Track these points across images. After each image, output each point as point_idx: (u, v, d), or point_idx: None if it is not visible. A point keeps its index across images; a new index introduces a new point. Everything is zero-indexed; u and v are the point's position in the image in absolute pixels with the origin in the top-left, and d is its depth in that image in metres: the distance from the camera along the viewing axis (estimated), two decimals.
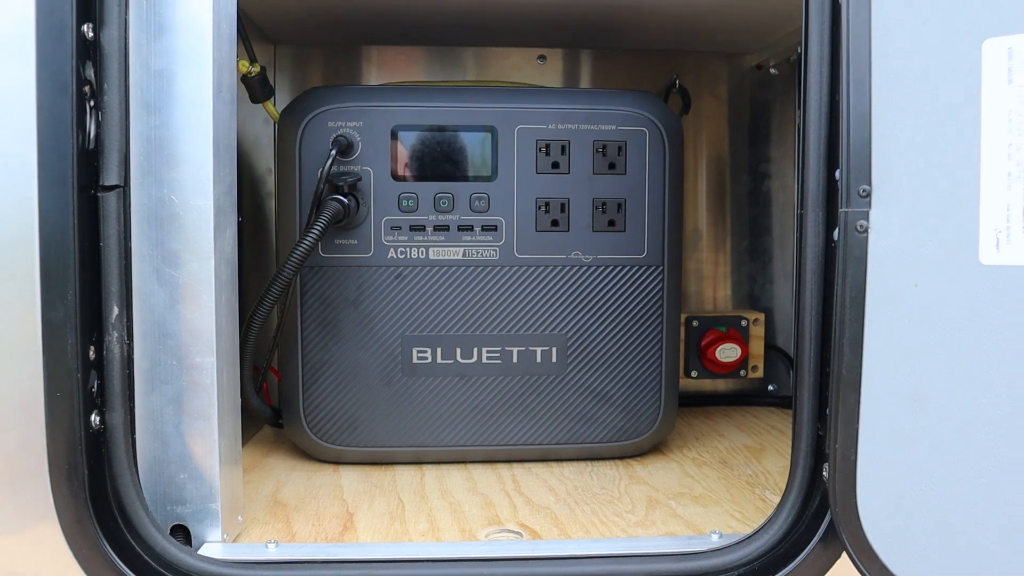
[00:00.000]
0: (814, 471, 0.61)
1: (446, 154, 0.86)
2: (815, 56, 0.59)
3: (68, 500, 0.56)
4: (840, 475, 0.55)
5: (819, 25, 0.58)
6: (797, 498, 0.61)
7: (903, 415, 0.53)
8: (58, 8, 0.53)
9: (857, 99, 0.53)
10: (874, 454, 0.54)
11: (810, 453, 0.61)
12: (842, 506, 0.55)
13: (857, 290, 0.54)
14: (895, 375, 0.53)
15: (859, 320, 0.54)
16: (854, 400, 0.54)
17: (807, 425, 0.61)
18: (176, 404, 0.63)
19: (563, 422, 0.89)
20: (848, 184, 0.54)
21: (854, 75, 0.53)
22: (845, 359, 0.54)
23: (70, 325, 0.54)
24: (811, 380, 0.60)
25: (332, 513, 0.76)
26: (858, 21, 0.53)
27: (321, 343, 0.86)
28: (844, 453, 0.55)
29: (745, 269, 1.22)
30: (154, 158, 0.62)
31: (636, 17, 1.00)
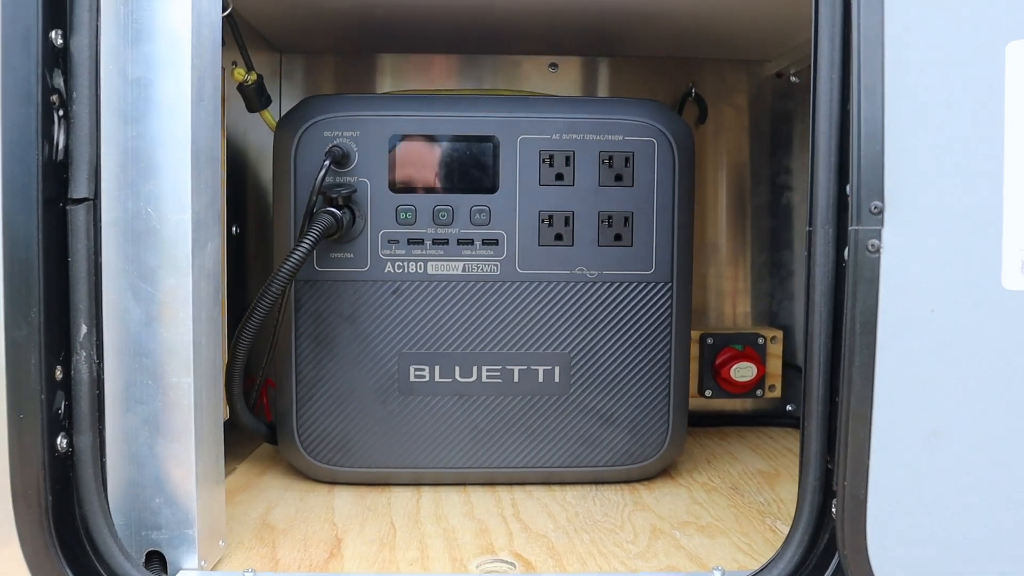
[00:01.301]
0: (823, 507, 0.57)
1: (446, 165, 0.83)
2: (825, 61, 0.55)
3: (31, 527, 0.53)
4: (849, 515, 0.51)
5: (830, 28, 0.54)
6: (804, 535, 0.57)
7: (918, 452, 0.49)
8: (23, 14, 0.51)
9: (869, 108, 0.49)
10: (886, 494, 0.50)
11: (818, 488, 0.57)
12: (851, 548, 0.51)
13: (868, 315, 0.50)
14: (909, 408, 0.49)
15: (870, 347, 0.50)
16: (865, 434, 0.50)
17: (815, 457, 0.56)
18: (152, 425, 0.61)
19: (566, 444, 0.86)
20: (859, 200, 0.50)
21: (865, 82, 0.49)
22: (855, 389, 0.50)
23: (34, 344, 0.52)
24: (819, 410, 0.56)
25: (320, 538, 0.73)
26: (869, 24, 0.49)
27: (315, 360, 0.83)
28: (853, 492, 0.51)
29: (764, 284, 1.17)
30: (130, 170, 0.59)
31: (651, 23, 0.96)
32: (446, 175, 0.83)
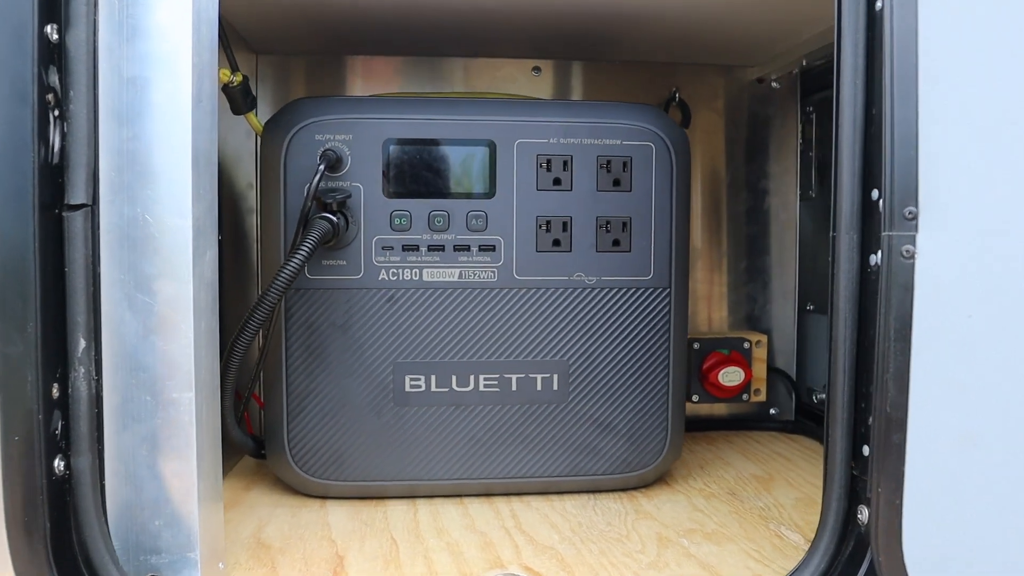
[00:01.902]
0: (848, 514, 0.57)
1: (441, 169, 0.81)
2: (848, 67, 0.54)
3: (27, 556, 0.50)
4: (884, 522, 0.50)
5: (853, 33, 0.54)
6: (830, 543, 0.56)
7: (954, 457, 0.49)
8: (18, 6, 0.48)
9: (902, 113, 0.49)
10: (922, 499, 0.50)
11: (843, 495, 0.56)
12: (885, 555, 0.51)
13: (903, 321, 0.49)
14: (945, 413, 0.49)
15: (905, 353, 0.49)
16: (900, 440, 0.50)
17: (840, 465, 0.56)
18: (151, 444, 0.57)
19: (565, 453, 0.84)
20: (892, 205, 0.49)
21: (899, 88, 0.49)
22: (890, 396, 0.50)
23: (30, 361, 0.49)
24: (845, 416, 0.55)
25: (321, 556, 0.70)
26: (903, 28, 0.49)
27: (307, 371, 0.80)
28: (888, 498, 0.50)
29: (744, 290, 1.18)
30: (126, 173, 0.56)
31: (636, 28, 0.96)
32: (442, 180, 0.81)
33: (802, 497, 0.86)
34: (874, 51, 0.53)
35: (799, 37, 1.01)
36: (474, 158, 0.81)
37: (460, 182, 0.81)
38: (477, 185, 0.81)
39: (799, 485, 0.90)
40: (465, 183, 0.81)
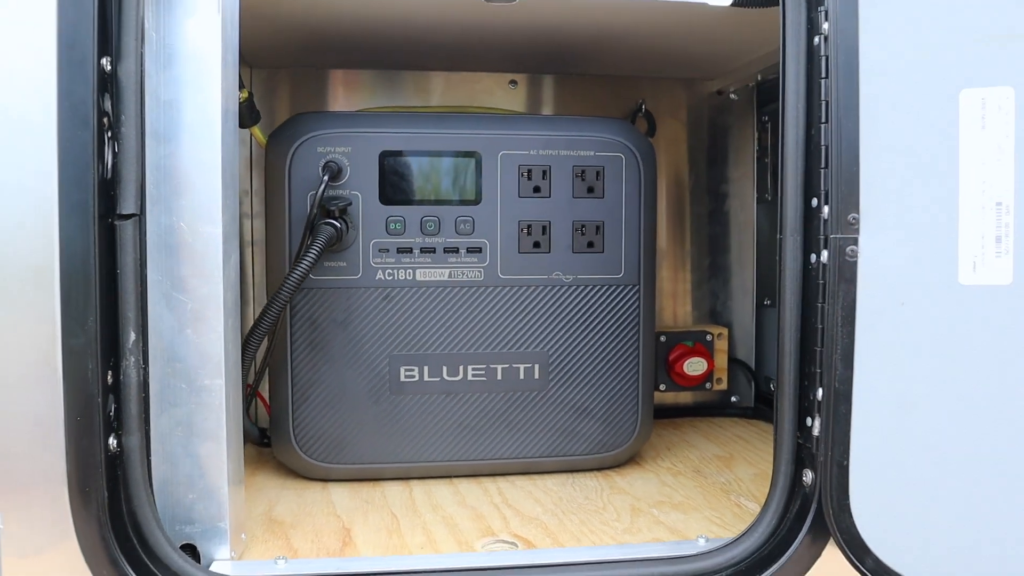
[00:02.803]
0: (795, 477, 0.66)
1: (432, 179, 0.89)
2: (791, 93, 0.63)
3: (88, 522, 0.57)
4: (833, 480, 0.60)
5: (795, 65, 0.63)
6: (780, 502, 0.66)
7: (892, 422, 0.58)
8: (80, 43, 0.55)
9: (847, 140, 0.58)
10: (865, 458, 0.59)
11: (791, 461, 0.66)
12: (835, 507, 0.60)
13: (848, 309, 0.59)
14: (884, 386, 0.58)
15: (851, 336, 0.59)
16: (846, 410, 0.59)
17: (788, 435, 0.65)
18: (185, 426, 0.65)
19: (545, 436, 0.93)
20: (837, 213, 0.59)
21: (844, 118, 0.58)
22: (837, 372, 0.59)
23: (90, 351, 0.56)
24: (792, 392, 0.65)
25: (329, 529, 0.78)
26: (847, 71, 0.58)
27: (310, 363, 0.88)
28: (838, 459, 0.60)
29: (707, 286, 1.27)
30: (163, 187, 0.63)
31: (607, 45, 1.04)
32: (432, 188, 0.89)
33: (759, 473, 0.96)
34: (812, 81, 0.63)
35: (755, 54, 1.11)
36: (462, 168, 0.89)
37: (449, 190, 0.89)
38: (465, 193, 0.90)
39: (757, 463, 1.00)
40: (454, 191, 0.89)
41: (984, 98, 0.57)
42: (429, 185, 0.89)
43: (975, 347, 0.57)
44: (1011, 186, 0.56)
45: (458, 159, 0.89)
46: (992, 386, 0.57)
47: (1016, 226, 0.57)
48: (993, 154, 0.57)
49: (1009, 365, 0.57)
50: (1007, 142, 0.56)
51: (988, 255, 0.57)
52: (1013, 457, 0.58)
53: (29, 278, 0.55)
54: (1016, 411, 0.57)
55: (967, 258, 0.57)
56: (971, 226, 0.57)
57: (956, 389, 0.58)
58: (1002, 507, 0.58)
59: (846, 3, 0.60)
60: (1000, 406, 0.57)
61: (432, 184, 0.89)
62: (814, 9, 0.63)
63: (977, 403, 0.57)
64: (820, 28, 0.62)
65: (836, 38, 0.60)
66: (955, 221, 0.57)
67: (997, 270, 0.57)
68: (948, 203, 0.58)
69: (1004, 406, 0.57)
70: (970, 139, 0.57)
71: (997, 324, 0.57)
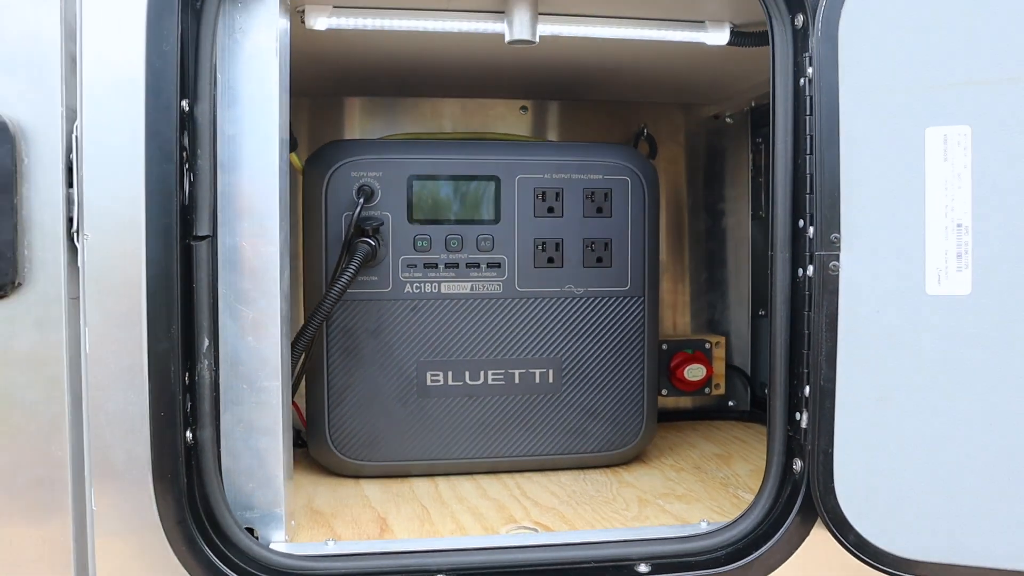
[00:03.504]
0: (786, 466, 0.74)
1: (455, 200, 0.98)
2: (780, 128, 0.72)
3: (168, 505, 0.65)
4: (819, 467, 0.68)
5: (784, 104, 0.72)
6: (773, 488, 0.74)
7: (870, 414, 0.67)
8: (165, 89, 0.64)
9: (830, 170, 0.67)
10: (847, 446, 0.68)
11: (783, 451, 0.74)
12: (822, 490, 0.69)
13: (831, 317, 0.68)
14: (863, 382, 0.67)
15: (833, 340, 0.68)
16: (830, 405, 0.68)
17: (780, 428, 0.74)
18: (246, 422, 0.73)
19: (559, 435, 1.01)
20: (821, 233, 0.68)
21: (827, 151, 0.68)
22: (822, 372, 0.68)
23: (173, 355, 0.64)
24: (782, 391, 0.73)
25: (367, 518, 0.86)
26: (828, 110, 0.67)
27: (345, 369, 0.96)
28: (823, 448, 0.68)
29: (705, 298, 1.36)
30: (227, 211, 0.72)
31: (613, 74, 1.13)
32: (456, 209, 0.98)
33: (755, 469, 1.04)
34: (799, 118, 0.71)
35: (749, 82, 1.20)
36: (482, 191, 0.98)
37: (471, 211, 0.98)
38: (485, 213, 0.98)
39: (753, 461, 1.08)
40: (475, 212, 0.98)
41: (946, 134, 0.65)
42: (453, 206, 0.98)
43: (940, 348, 0.66)
44: (969, 210, 0.65)
45: (479, 182, 0.98)
46: (955, 381, 0.66)
47: (974, 244, 0.65)
48: (954, 182, 0.66)
49: (969, 363, 0.66)
50: (965, 172, 0.65)
51: (951, 269, 0.66)
52: (975, 441, 0.66)
53: (122, 292, 0.63)
54: (976, 401, 0.66)
55: (933, 272, 0.66)
56: (936, 244, 0.66)
57: (925, 384, 0.66)
58: (968, 486, 0.67)
59: (828, 50, 0.69)
60: (962, 397, 0.66)
61: (456, 205, 0.98)
62: (800, 54, 0.72)
63: (943, 396, 0.66)
64: (805, 71, 0.71)
65: (819, 81, 0.69)
66: (922, 240, 0.66)
67: (958, 282, 0.66)
68: (916, 224, 0.67)
69: (966, 397, 0.66)
70: (934, 170, 0.66)
71: (958, 328, 0.66)
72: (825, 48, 0.69)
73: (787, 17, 0.73)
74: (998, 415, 0.66)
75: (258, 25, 0.72)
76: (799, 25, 0.72)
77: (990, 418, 0.66)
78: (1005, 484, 0.66)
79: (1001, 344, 0.65)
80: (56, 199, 0.63)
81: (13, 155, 0.62)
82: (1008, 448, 0.66)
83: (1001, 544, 0.67)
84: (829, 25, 0.68)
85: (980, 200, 0.66)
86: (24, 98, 0.63)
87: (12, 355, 0.63)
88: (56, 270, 0.64)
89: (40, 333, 0.63)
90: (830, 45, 0.68)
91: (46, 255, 0.63)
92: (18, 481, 0.64)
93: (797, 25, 0.72)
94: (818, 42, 0.69)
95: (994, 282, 0.65)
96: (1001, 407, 0.66)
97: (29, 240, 0.63)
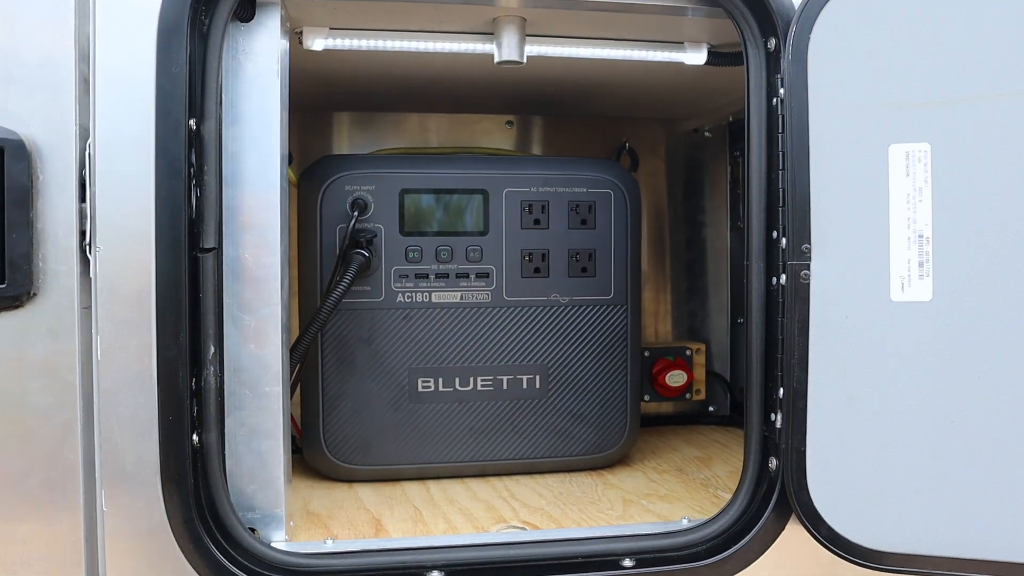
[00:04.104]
0: (762, 464, 0.78)
1: (445, 212, 1.01)
2: (755, 144, 0.77)
3: (176, 506, 0.68)
4: (793, 464, 0.73)
5: (758, 121, 0.77)
6: (750, 486, 0.78)
7: (840, 414, 0.71)
8: (174, 108, 0.67)
9: (800, 184, 0.72)
10: (819, 444, 0.72)
11: (759, 451, 0.78)
12: (795, 487, 0.73)
13: (803, 323, 0.72)
14: (833, 384, 0.71)
15: (805, 345, 0.72)
16: (803, 405, 0.72)
17: (756, 429, 0.78)
18: (248, 427, 0.76)
19: (545, 439, 1.05)
20: (793, 243, 0.72)
21: (798, 166, 0.72)
22: (795, 375, 0.72)
23: (182, 361, 0.67)
24: (758, 392, 0.78)
25: (361, 519, 0.89)
26: (799, 128, 0.72)
27: (339, 376, 1.00)
28: (796, 446, 0.73)
29: (686, 306, 1.40)
30: (230, 224, 0.75)
31: (596, 91, 1.18)
32: (446, 221, 1.01)
33: (734, 471, 1.08)
34: (772, 135, 0.76)
35: (727, 98, 1.24)
36: (471, 203, 1.02)
37: (460, 223, 1.02)
38: (474, 225, 1.02)
39: (732, 463, 1.12)
40: (464, 223, 1.02)
41: (908, 151, 0.70)
42: (443, 218, 1.01)
43: (905, 350, 0.71)
44: (929, 222, 0.70)
45: (468, 195, 1.02)
46: (919, 382, 0.71)
47: (934, 254, 0.70)
48: (915, 196, 0.70)
49: (931, 364, 0.70)
50: (926, 187, 0.70)
51: (913, 277, 0.70)
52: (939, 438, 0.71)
53: (132, 302, 0.67)
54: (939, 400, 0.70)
55: (897, 280, 0.71)
56: (900, 254, 0.70)
57: (891, 385, 0.71)
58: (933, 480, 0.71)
59: (798, 72, 0.73)
60: (926, 397, 0.71)
61: (446, 217, 1.01)
62: (773, 75, 0.77)
63: (908, 395, 0.71)
64: (778, 91, 0.76)
65: (790, 101, 0.74)
66: (887, 250, 0.71)
67: (920, 289, 0.70)
68: (881, 235, 0.71)
69: (929, 397, 0.71)
70: (897, 184, 0.70)
71: (921, 332, 0.70)
72: (795, 70, 0.73)
73: (760, 40, 0.77)
74: (959, 413, 0.70)
75: (260, 47, 0.75)
76: (772, 48, 0.76)
77: (952, 416, 0.71)
78: (967, 477, 0.71)
79: (960, 347, 0.70)
80: (70, 213, 0.67)
81: (29, 172, 0.65)
82: (969, 444, 0.70)
83: (965, 534, 0.71)
84: (799, 49, 0.73)
85: (939, 212, 0.70)
86: (39, 117, 0.66)
87: (27, 362, 0.66)
88: (69, 281, 0.67)
89: (54, 341, 0.66)
90: (800, 67, 0.73)
91: (59, 267, 0.67)
92: (32, 482, 0.67)
93: (770, 48, 0.77)
94: (789, 64, 0.73)
95: (953, 289, 0.70)
96: (961, 406, 0.70)
97: (44, 252, 0.66)
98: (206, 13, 0.70)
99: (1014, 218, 0.68)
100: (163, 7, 0.67)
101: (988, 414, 0.69)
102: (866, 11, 0.71)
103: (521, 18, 0.86)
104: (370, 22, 0.86)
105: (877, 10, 0.71)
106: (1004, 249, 0.69)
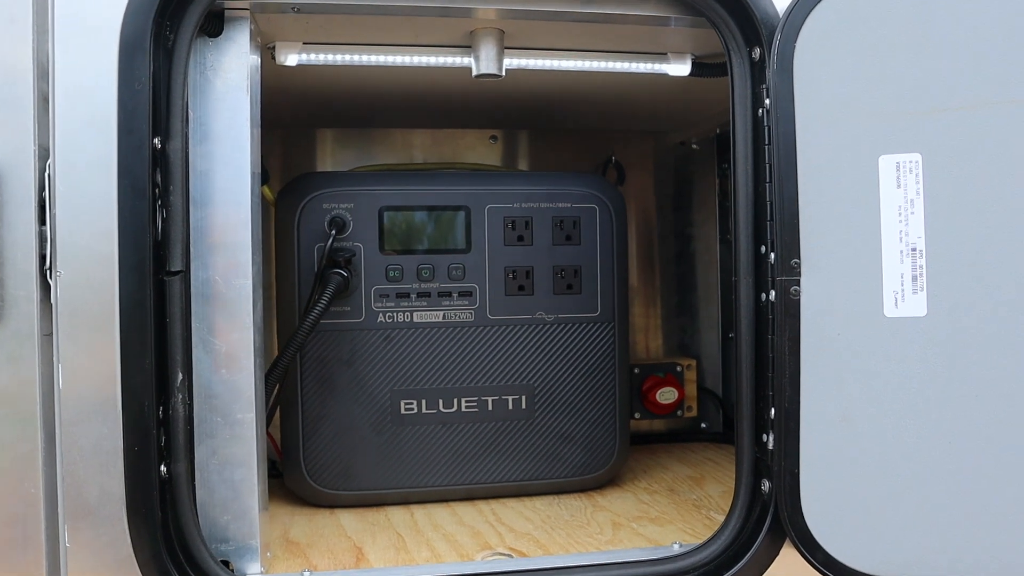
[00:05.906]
0: (754, 487, 0.76)
1: (427, 230, 0.99)
2: (741, 157, 0.75)
3: (143, 539, 0.65)
4: (787, 487, 0.70)
5: (743, 133, 0.75)
6: (742, 509, 0.75)
7: (834, 434, 0.69)
8: (137, 128, 0.65)
9: (788, 197, 0.70)
10: (813, 466, 0.69)
11: (751, 472, 0.76)
12: (789, 511, 0.70)
13: (793, 340, 0.70)
14: (826, 403, 0.69)
15: (796, 363, 0.70)
16: (795, 426, 0.70)
17: (748, 450, 0.75)
18: (220, 455, 0.73)
19: (533, 461, 1.02)
20: (782, 259, 0.70)
21: (785, 179, 0.70)
22: (787, 394, 0.70)
23: (148, 389, 0.65)
24: (749, 413, 0.75)
25: (342, 548, 0.86)
26: (786, 139, 0.70)
27: (319, 399, 0.97)
28: (789, 468, 0.70)
29: (675, 322, 1.38)
30: (200, 245, 0.73)
31: (580, 103, 1.16)
32: (427, 238, 0.99)
33: (727, 490, 1.06)
34: (758, 147, 0.74)
35: (713, 110, 1.23)
36: (453, 220, 1.00)
37: (442, 240, 0.99)
38: (456, 242, 1.00)
39: (725, 482, 1.10)
40: (446, 241, 0.99)
41: (898, 162, 0.68)
42: (424, 236, 0.99)
43: (899, 368, 0.68)
44: (922, 234, 0.68)
45: (450, 212, 0.99)
46: (915, 401, 0.68)
47: (928, 267, 0.68)
48: (907, 208, 0.68)
49: (927, 382, 0.68)
50: (918, 198, 0.68)
51: (907, 292, 0.68)
52: (936, 458, 0.68)
53: (95, 328, 0.64)
54: (935, 420, 0.68)
55: (890, 295, 0.68)
56: (892, 268, 0.68)
57: (886, 404, 0.68)
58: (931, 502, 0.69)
59: (783, 82, 0.71)
60: (922, 416, 0.68)
61: (427, 235, 0.99)
62: (758, 85, 0.75)
63: (904, 414, 0.68)
64: (763, 102, 0.73)
65: (776, 112, 0.72)
66: (879, 264, 0.68)
67: (914, 304, 0.68)
68: (873, 249, 0.69)
69: (926, 416, 0.68)
70: (888, 196, 0.68)
71: (915, 348, 0.68)
72: (781, 80, 0.71)
73: (744, 50, 0.75)
74: (956, 433, 0.68)
75: (229, 62, 0.73)
76: (756, 58, 0.74)
77: (949, 436, 0.68)
78: (967, 498, 0.68)
79: (958, 364, 0.68)
80: (29, 237, 0.64)
81: None
82: (967, 464, 0.68)
83: (965, 558, 0.68)
84: (784, 58, 0.71)
85: (933, 224, 0.68)
86: None
87: None
88: (29, 307, 0.64)
89: (13, 369, 0.64)
90: (785, 77, 0.71)
91: (18, 292, 0.64)
92: None
93: (754, 58, 0.75)
94: (774, 74, 0.71)
95: (948, 304, 0.68)
96: (959, 425, 0.68)
97: (1, 277, 0.63)
98: (171, 28, 0.67)
99: (1010, 229, 0.66)
100: (125, 22, 0.64)
101: (987, 433, 0.67)
102: (853, 18, 0.70)
103: (499, 30, 0.84)
104: (344, 36, 0.84)
105: (864, 17, 0.69)
106: (1001, 262, 0.66)
